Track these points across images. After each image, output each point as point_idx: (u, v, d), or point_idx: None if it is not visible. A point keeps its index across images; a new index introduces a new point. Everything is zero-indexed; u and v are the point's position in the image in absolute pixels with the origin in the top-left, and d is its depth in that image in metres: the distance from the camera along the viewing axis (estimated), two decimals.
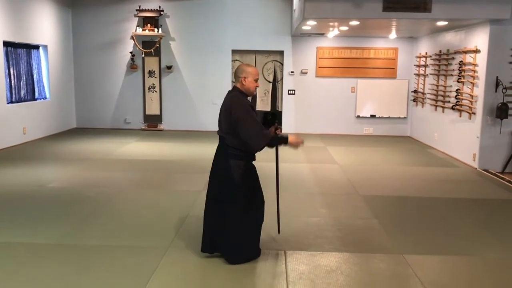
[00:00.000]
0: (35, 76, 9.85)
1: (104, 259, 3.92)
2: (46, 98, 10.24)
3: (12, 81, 9.05)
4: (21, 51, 9.34)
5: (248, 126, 3.68)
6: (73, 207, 5.33)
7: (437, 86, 9.50)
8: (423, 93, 10.37)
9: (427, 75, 10.19)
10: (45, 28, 10.02)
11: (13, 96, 9.09)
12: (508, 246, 4.44)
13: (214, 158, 3.95)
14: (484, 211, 5.56)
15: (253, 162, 3.95)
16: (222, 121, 3.84)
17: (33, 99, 9.79)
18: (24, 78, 9.49)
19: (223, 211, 3.82)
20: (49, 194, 5.84)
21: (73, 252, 4.06)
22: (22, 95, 9.40)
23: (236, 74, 3.88)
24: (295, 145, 3.94)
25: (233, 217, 3.80)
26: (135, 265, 3.81)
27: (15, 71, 9.14)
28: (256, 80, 3.86)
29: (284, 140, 3.87)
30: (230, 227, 3.80)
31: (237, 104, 3.75)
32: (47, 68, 10.19)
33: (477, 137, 7.77)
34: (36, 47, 9.89)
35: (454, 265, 3.96)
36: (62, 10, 10.82)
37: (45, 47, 10.10)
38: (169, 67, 11.20)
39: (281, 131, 3.99)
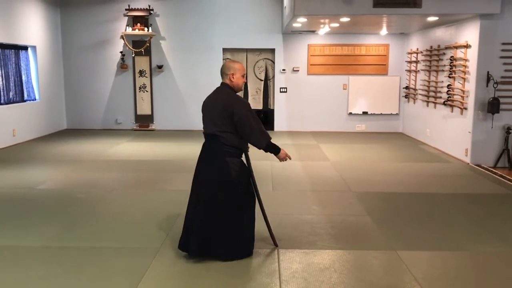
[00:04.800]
0: (23, 77, 9.74)
1: (94, 261, 3.85)
2: (35, 99, 10.12)
3: (1, 83, 8.94)
4: (9, 52, 9.23)
5: (252, 124, 3.71)
6: (63, 208, 5.26)
7: (429, 82, 9.51)
8: (415, 89, 10.37)
9: (418, 71, 10.19)
10: (33, 29, 9.91)
11: (2, 97, 8.98)
12: (501, 241, 4.42)
13: (202, 157, 3.88)
14: (476, 206, 5.55)
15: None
16: (217, 119, 3.75)
17: (22, 100, 9.68)
18: (13, 79, 9.37)
19: (218, 211, 3.75)
20: (39, 196, 5.76)
21: (62, 254, 4.00)
22: (11, 97, 9.29)
23: (223, 71, 3.87)
24: (283, 159, 3.92)
25: (230, 215, 3.76)
26: (126, 266, 3.76)
27: (3, 72, 9.02)
28: (243, 76, 3.88)
29: (277, 150, 3.87)
30: (227, 225, 3.76)
31: (238, 102, 3.77)
32: (36, 69, 10.08)
33: (469, 132, 7.78)
34: (25, 47, 9.78)
35: (447, 260, 3.94)
36: (51, 10, 10.70)
37: (33, 47, 9.99)
38: (159, 67, 11.13)
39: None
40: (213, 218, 3.77)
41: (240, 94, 4.11)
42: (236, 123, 3.69)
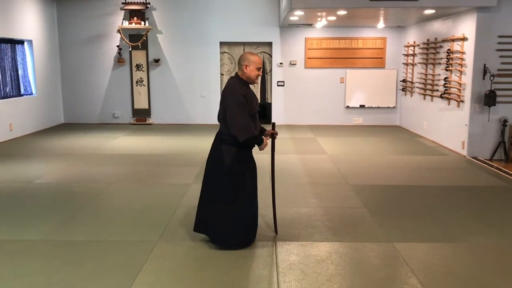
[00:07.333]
0: (20, 72, 9.71)
1: (92, 255, 3.87)
2: (32, 94, 10.10)
3: None
4: (5, 46, 9.19)
5: (234, 115, 3.76)
6: (61, 202, 5.27)
7: (426, 75, 9.52)
8: (412, 82, 10.38)
9: (415, 64, 10.20)
10: (29, 23, 9.87)
11: None
12: (497, 232, 4.46)
13: (212, 143, 4.05)
14: (473, 198, 5.58)
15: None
16: (220, 107, 3.94)
17: (19, 95, 9.66)
18: (9, 73, 9.34)
19: (212, 196, 3.93)
20: (37, 190, 5.76)
21: (60, 248, 4.01)
22: (7, 91, 9.26)
23: (239, 61, 3.95)
24: (262, 148, 3.93)
25: (220, 203, 3.89)
26: (124, 259, 3.77)
27: None
28: (259, 69, 3.91)
29: (258, 143, 3.88)
30: (217, 212, 3.89)
31: (230, 92, 3.84)
32: (32, 64, 10.05)
33: (466, 125, 7.80)
34: (21, 42, 9.74)
35: (444, 252, 3.97)
36: (47, 4, 10.65)
37: (30, 42, 9.95)
38: (156, 61, 11.10)
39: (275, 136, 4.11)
40: (208, 201, 3.97)
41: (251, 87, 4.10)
42: (225, 112, 3.82)
